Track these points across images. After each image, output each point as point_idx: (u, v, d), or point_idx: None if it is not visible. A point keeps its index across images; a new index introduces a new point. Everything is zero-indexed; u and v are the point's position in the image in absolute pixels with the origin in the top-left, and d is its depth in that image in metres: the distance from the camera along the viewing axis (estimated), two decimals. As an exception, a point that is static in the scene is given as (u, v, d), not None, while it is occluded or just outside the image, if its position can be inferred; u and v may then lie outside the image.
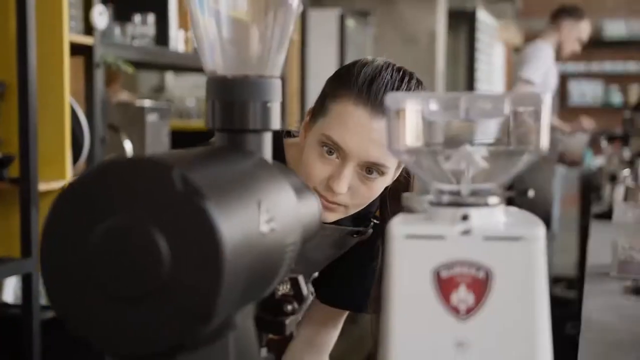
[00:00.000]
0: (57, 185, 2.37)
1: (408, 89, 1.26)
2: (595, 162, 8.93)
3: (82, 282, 0.61)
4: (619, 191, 2.91)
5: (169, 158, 0.63)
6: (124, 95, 4.14)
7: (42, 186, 2.32)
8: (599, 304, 1.61)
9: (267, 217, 0.69)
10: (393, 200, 1.37)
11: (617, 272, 1.90)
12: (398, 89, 1.25)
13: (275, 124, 0.81)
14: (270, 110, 0.80)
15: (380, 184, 1.28)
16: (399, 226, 0.68)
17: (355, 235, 1.40)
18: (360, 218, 1.40)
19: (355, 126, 1.23)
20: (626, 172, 3.10)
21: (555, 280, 5.43)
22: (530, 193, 0.80)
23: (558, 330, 0.96)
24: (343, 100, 1.25)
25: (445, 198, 0.70)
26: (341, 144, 1.24)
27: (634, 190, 2.86)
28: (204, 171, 0.64)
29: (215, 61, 0.81)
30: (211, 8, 0.80)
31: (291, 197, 0.76)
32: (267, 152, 0.81)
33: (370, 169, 1.25)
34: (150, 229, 0.60)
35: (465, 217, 0.68)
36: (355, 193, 1.27)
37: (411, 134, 0.71)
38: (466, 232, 0.67)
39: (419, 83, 1.29)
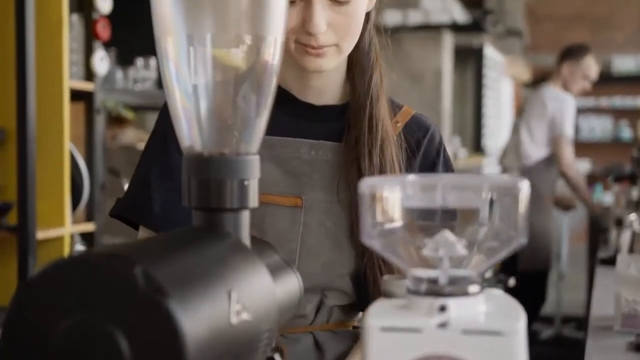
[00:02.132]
0: (55, 233, 2.35)
1: None
2: (604, 197, 8.89)
3: (40, 384, 0.59)
4: (625, 237, 2.87)
5: (133, 252, 0.61)
6: (130, 134, 4.14)
7: (41, 234, 2.31)
8: (601, 363, 1.58)
9: (239, 307, 0.66)
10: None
11: (621, 326, 1.86)
12: None
13: (254, 201, 0.79)
14: (248, 188, 0.78)
15: (357, 7, 1.17)
16: (374, 318, 0.66)
17: None
18: None
19: None
20: (633, 216, 3.06)
21: (564, 321, 5.36)
22: (511, 282, 0.78)
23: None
24: None
25: (423, 287, 0.67)
26: None
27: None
28: (170, 264, 0.62)
29: (192, 137, 0.79)
30: (187, 83, 0.79)
31: (266, 281, 0.74)
32: (245, 231, 0.79)
33: None
34: (111, 329, 0.57)
35: (443, 308, 0.66)
36: (337, 27, 1.16)
37: (386, 219, 0.68)
38: (443, 325, 0.64)
39: None
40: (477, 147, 7.30)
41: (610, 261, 2.92)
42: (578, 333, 5.09)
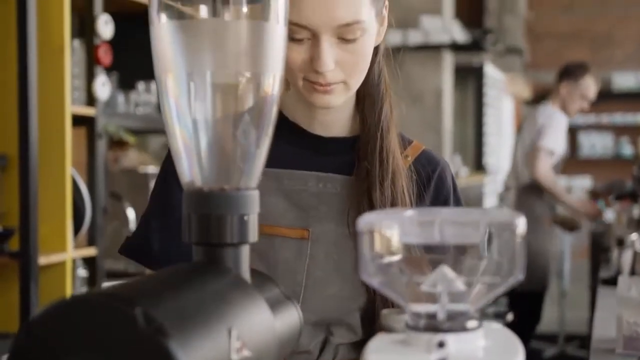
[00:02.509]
0: (57, 258, 2.36)
1: None
2: (607, 215, 8.87)
3: None
4: (627, 257, 2.86)
5: (133, 291, 0.61)
6: (132, 157, 4.15)
7: (43, 259, 2.31)
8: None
9: (239, 344, 0.67)
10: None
11: (623, 348, 1.86)
12: None
13: (253, 236, 0.80)
14: (248, 223, 0.79)
15: (365, 44, 1.15)
16: (373, 353, 0.66)
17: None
18: None
19: None
20: (634, 236, 3.06)
21: (567, 339, 5.34)
22: (509, 317, 0.78)
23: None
24: None
25: (422, 322, 0.68)
26: (302, 22, 1.12)
27: (641, 255, 2.82)
28: (170, 303, 0.63)
29: (192, 173, 0.80)
30: (187, 119, 0.80)
31: (266, 316, 0.74)
32: (245, 266, 0.79)
33: (347, 32, 1.13)
34: (111, 369, 0.58)
35: (441, 344, 0.66)
36: (345, 65, 1.14)
37: (384, 255, 0.69)
38: (442, 361, 0.65)
39: None
40: (478, 165, 7.31)
41: (612, 281, 2.91)
42: (581, 351, 5.08)
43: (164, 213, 1.21)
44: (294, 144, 1.25)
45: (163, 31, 0.77)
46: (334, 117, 1.26)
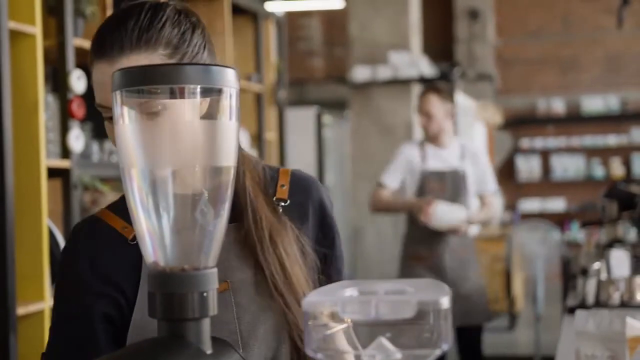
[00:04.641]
0: (35, 307, 2.42)
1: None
2: (578, 235, 8.99)
3: None
4: (591, 285, 2.93)
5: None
6: (109, 198, 4.21)
7: (21, 310, 2.37)
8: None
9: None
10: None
11: (582, 381, 1.94)
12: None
13: (213, 309, 0.88)
14: (207, 299, 0.87)
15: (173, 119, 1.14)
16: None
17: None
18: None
19: (97, 80, 1.17)
20: (597, 265, 3.14)
21: (543, 363, 5.43)
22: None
23: None
24: (91, 64, 1.19)
25: (362, 390, 0.76)
26: (104, 102, 1.17)
27: (605, 284, 2.89)
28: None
29: (156, 254, 0.88)
30: (150, 206, 0.88)
31: (225, 386, 0.82)
32: (205, 337, 0.87)
33: None
34: None
35: (379, 410, 0.74)
36: None
37: (327, 330, 0.77)
38: None
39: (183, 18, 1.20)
40: (452, 192, 7.41)
41: (577, 309, 3.00)
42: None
43: (74, 333, 1.22)
44: None
45: (126, 131, 0.86)
46: None
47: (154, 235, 0.87)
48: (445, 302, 0.74)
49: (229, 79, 0.88)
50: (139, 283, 1.22)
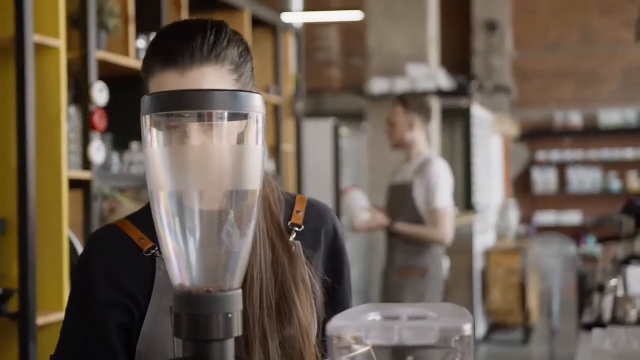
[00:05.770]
0: (55, 317, 2.45)
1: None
2: (596, 249, 8.96)
3: None
4: (608, 303, 2.92)
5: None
6: (127, 207, 4.24)
7: (41, 320, 2.40)
8: None
9: None
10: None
11: (598, 400, 1.94)
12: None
13: (238, 330, 0.89)
14: (232, 320, 0.89)
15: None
16: None
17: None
18: None
19: (166, 89, 1.16)
20: (614, 282, 3.13)
21: (558, 379, 5.42)
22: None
23: None
24: (153, 73, 1.20)
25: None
26: None
27: (622, 301, 2.89)
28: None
29: (182, 276, 0.90)
30: (177, 229, 0.90)
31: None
32: (230, 358, 0.89)
33: None
34: None
35: None
36: None
37: (352, 355, 0.79)
38: None
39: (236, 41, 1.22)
40: (468, 204, 7.41)
41: (593, 326, 2.99)
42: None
43: (84, 332, 1.24)
44: None
45: (155, 155, 0.88)
46: None
47: (180, 256, 0.89)
48: (468, 328, 0.75)
49: (256, 104, 0.90)
50: (151, 294, 1.24)
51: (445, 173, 3.91)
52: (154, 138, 0.88)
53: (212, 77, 1.18)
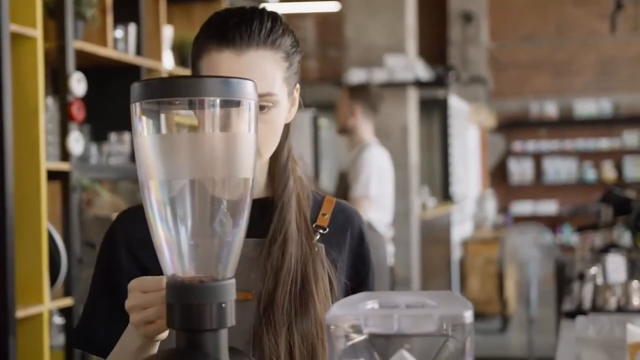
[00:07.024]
0: (35, 310, 2.41)
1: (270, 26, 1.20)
2: (572, 239, 9.02)
3: None
4: (587, 291, 2.94)
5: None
6: (105, 198, 4.19)
7: (20, 312, 2.36)
8: None
9: None
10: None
11: (582, 388, 1.95)
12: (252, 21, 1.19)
13: (231, 320, 0.88)
14: (225, 310, 0.87)
15: (276, 116, 1.21)
16: None
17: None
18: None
19: (222, 69, 1.17)
20: (594, 270, 3.15)
21: (537, 366, 5.45)
22: None
23: None
24: (207, 52, 1.19)
25: (383, 403, 0.76)
26: None
27: (602, 289, 2.90)
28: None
29: (174, 266, 0.88)
30: (169, 218, 0.88)
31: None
32: (223, 348, 0.87)
33: (260, 102, 1.12)
34: None
35: None
36: (258, 133, 1.15)
37: (349, 342, 0.78)
38: None
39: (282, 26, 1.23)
40: (445, 195, 7.44)
41: (574, 314, 3.01)
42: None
43: (108, 295, 1.24)
44: None
45: (145, 142, 0.86)
46: None
47: (172, 246, 0.88)
48: (468, 316, 0.75)
49: (248, 91, 0.88)
50: None
51: (376, 161, 3.89)
52: (143, 126, 0.86)
53: (268, 60, 1.18)
